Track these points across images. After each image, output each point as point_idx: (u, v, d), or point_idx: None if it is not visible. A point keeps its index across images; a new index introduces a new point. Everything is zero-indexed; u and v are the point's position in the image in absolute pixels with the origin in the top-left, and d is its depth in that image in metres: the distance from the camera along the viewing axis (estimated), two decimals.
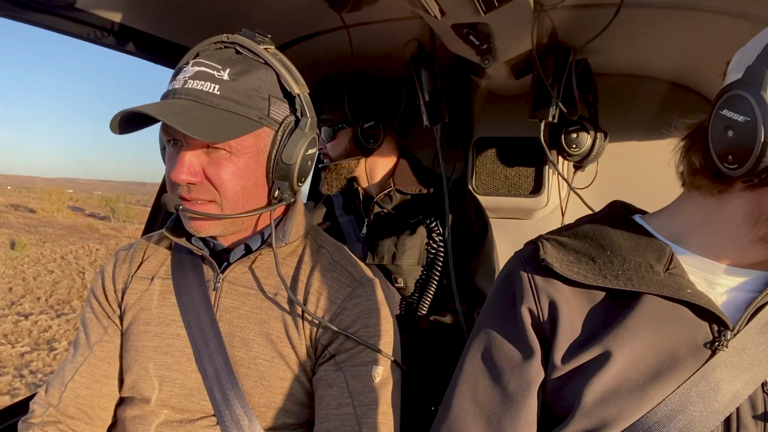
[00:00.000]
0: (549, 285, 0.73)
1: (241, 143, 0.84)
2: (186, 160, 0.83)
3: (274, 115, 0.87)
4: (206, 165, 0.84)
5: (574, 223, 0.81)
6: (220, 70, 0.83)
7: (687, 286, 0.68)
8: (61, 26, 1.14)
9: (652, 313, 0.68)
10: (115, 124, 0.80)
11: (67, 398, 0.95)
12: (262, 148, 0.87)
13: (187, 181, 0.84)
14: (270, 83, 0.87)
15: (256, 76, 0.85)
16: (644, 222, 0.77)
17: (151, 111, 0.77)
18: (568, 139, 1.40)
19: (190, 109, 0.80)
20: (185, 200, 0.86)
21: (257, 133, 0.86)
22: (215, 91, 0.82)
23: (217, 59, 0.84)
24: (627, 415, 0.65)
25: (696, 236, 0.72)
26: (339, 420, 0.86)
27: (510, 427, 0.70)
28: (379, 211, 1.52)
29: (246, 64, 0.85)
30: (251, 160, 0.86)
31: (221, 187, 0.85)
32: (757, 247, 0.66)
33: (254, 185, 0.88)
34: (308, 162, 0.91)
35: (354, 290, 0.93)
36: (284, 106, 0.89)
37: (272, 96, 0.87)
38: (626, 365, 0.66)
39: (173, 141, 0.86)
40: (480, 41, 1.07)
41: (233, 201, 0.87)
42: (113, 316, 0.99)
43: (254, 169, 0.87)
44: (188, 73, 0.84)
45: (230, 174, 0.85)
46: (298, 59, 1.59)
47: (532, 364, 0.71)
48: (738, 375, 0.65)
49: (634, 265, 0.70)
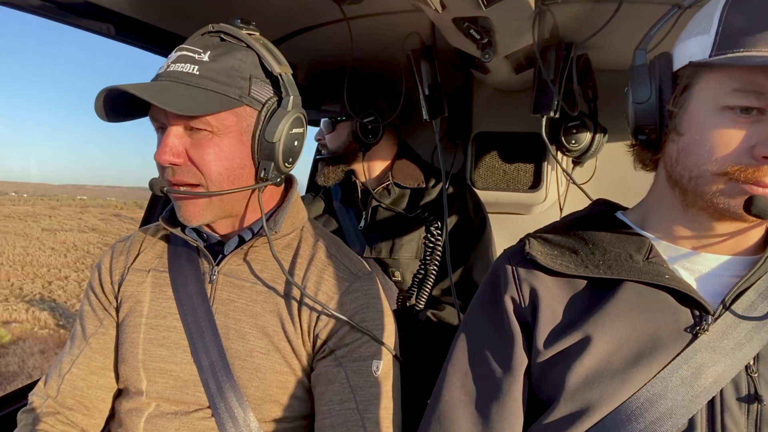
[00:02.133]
0: (531, 275, 0.77)
1: (222, 122, 0.84)
2: (169, 141, 0.84)
3: (255, 95, 0.87)
4: (189, 146, 0.85)
5: (559, 221, 0.86)
6: (200, 53, 0.84)
7: (666, 273, 0.71)
8: (61, 15, 1.13)
9: (633, 300, 0.70)
10: (100, 109, 0.81)
11: (64, 390, 0.96)
12: (245, 128, 0.87)
13: (170, 162, 0.84)
14: (251, 64, 0.87)
15: (237, 57, 0.86)
16: (624, 217, 0.81)
17: (127, 88, 0.78)
18: (568, 134, 1.40)
19: (168, 88, 0.81)
20: (173, 185, 0.86)
21: (238, 111, 0.86)
22: (194, 72, 0.83)
23: (200, 45, 0.86)
24: (610, 398, 0.67)
25: (652, 218, 0.77)
26: (342, 416, 0.86)
27: (497, 413, 0.73)
28: (378, 205, 1.51)
29: (227, 47, 0.86)
30: (234, 140, 0.86)
31: (204, 167, 0.85)
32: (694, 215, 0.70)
33: (239, 166, 0.88)
34: (294, 141, 0.91)
35: (351, 284, 0.93)
36: (267, 87, 0.88)
37: (253, 76, 0.87)
38: (608, 350, 0.69)
39: (160, 129, 0.87)
40: (480, 35, 1.07)
41: (218, 182, 0.86)
42: (109, 308, 0.99)
43: (238, 150, 0.87)
44: (171, 59, 0.85)
45: (213, 155, 0.85)
46: (298, 51, 1.58)
47: (516, 350, 0.75)
48: (720, 359, 0.66)
49: (614, 255, 0.74)
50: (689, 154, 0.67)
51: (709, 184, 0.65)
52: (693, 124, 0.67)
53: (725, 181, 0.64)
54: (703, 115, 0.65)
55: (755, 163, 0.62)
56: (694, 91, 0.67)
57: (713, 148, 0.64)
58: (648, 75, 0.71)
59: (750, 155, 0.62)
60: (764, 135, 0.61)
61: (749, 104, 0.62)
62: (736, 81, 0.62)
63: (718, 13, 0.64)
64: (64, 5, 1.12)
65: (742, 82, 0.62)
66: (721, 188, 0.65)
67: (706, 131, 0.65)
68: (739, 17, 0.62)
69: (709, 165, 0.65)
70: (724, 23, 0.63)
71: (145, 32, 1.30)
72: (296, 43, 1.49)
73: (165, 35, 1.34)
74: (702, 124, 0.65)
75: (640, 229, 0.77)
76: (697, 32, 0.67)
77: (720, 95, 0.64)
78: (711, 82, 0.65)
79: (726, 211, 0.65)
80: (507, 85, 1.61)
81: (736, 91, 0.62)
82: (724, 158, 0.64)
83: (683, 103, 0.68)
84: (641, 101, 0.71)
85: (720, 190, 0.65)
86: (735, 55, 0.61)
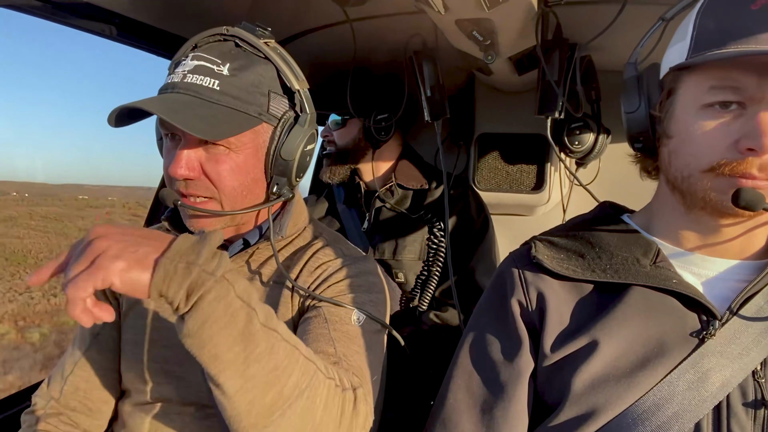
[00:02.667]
0: (538, 279, 0.77)
1: (240, 139, 0.84)
2: (184, 156, 0.83)
3: (273, 111, 0.86)
4: (204, 161, 0.84)
5: (565, 224, 0.86)
6: (219, 65, 0.82)
7: (673, 277, 0.71)
8: (61, 17, 1.13)
9: (640, 304, 0.70)
10: (112, 118, 0.80)
11: (67, 391, 0.96)
12: (261, 143, 0.87)
13: (185, 177, 0.83)
14: (270, 79, 0.86)
15: (257, 72, 0.85)
16: (631, 220, 0.81)
17: (151, 107, 0.77)
18: (571, 136, 1.40)
19: (189, 105, 0.80)
20: (183, 196, 0.86)
21: (256, 129, 0.85)
22: (215, 87, 0.81)
23: (216, 53, 0.84)
24: (616, 402, 0.67)
25: (658, 222, 0.77)
26: (315, 342, 0.80)
27: (502, 417, 0.73)
28: (381, 206, 1.51)
29: (246, 59, 0.85)
30: (250, 156, 0.86)
31: (219, 183, 0.84)
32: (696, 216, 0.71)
33: (252, 181, 0.88)
34: (307, 158, 0.91)
35: (346, 262, 0.93)
36: (283, 102, 0.88)
37: (272, 91, 0.86)
38: (614, 354, 0.68)
39: (171, 135, 0.86)
40: (483, 37, 1.07)
41: (231, 197, 0.86)
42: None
43: (253, 165, 0.87)
44: (187, 67, 0.83)
45: (228, 170, 0.84)
46: (301, 53, 1.58)
47: (522, 354, 0.74)
48: (727, 364, 0.66)
49: (621, 259, 0.74)
50: (679, 156, 0.69)
51: (700, 181, 0.67)
52: (679, 127, 0.69)
53: (714, 177, 0.65)
54: (686, 116, 0.68)
55: (740, 157, 0.63)
56: (677, 95, 0.70)
57: (699, 146, 0.66)
58: (636, 86, 0.74)
59: (735, 149, 0.64)
60: (746, 128, 0.63)
61: (726, 99, 0.64)
62: (711, 79, 0.65)
63: (693, 20, 0.68)
64: (64, 7, 1.12)
65: (717, 79, 0.64)
66: (711, 184, 0.66)
67: (690, 131, 0.67)
68: (710, 21, 0.66)
69: (697, 163, 0.67)
70: (698, 28, 0.67)
71: (146, 34, 1.30)
72: (299, 45, 1.50)
73: (167, 37, 1.34)
74: (686, 125, 0.68)
75: (647, 233, 0.77)
76: (676, 41, 0.71)
77: (699, 95, 0.66)
78: (690, 84, 0.68)
79: (719, 206, 0.66)
80: (510, 86, 1.61)
81: (712, 88, 0.65)
82: (710, 155, 0.65)
83: (669, 107, 0.71)
84: (631, 111, 0.74)
85: (710, 186, 0.66)
86: (707, 54, 0.64)
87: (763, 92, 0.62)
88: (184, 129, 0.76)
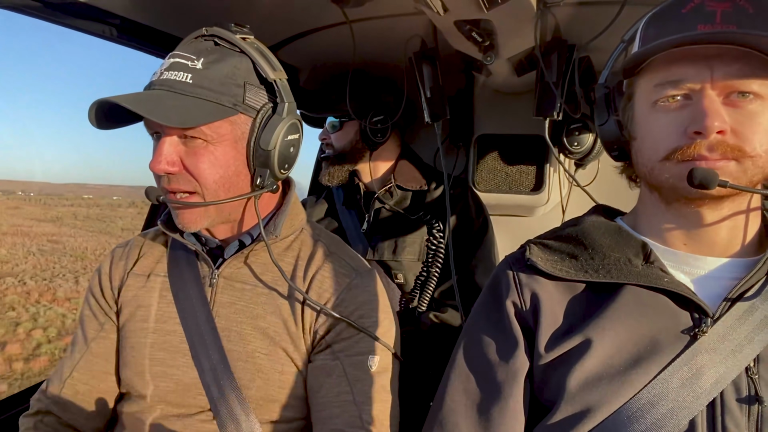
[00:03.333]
0: (532, 280, 0.79)
1: (217, 131, 0.84)
2: (164, 150, 0.83)
3: (250, 102, 0.86)
4: (184, 155, 0.85)
5: (559, 227, 0.88)
6: (194, 60, 0.83)
7: (665, 276, 0.72)
8: (59, 18, 1.13)
9: (632, 303, 0.72)
10: (92, 117, 0.81)
11: (66, 394, 0.96)
12: (240, 135, 0.87)
13: (165, 171, 0.84)
14: (245, 70, 0.86)
15: (231, 64, 0.85)
16: (623, 222, 0.83)
17: (120, 100, 0.78)
18: (570, 137, 1.40)
19: (160, 98, 0.81)
20: (169, 192, 0.86)
21: (233, 120, 0.86)
22: (187, 80, 0.82)
23: (192, 50, 0.85)
24: (610, 400, 0.68)
25: (644, 222, 0.80)
26: (339, 407, 0.86)
27: (498, 416, 0.74)
28: (380, 207, 1.51)
29: (220, 53, 0.86)
30: (229, 148, 0.86)
31: (200, 176, 0.85)
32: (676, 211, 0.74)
33: (234, 174, 0.88)
34: (290, 148, 0.91)
35: (352, 281, 0.93)
36: (261, 93, 0.88)
37: (248, 83, 0.86)
38: (608, 352, 0.70)
39: (155, 135, 0.87)
40: (482, 38, 1.07)
41: (213, 190, 0.86)
42: (110, 312, 0.99)
43: (233, 158, 0.87)
44: (165, 65, 0.85)
45: (208, 163, 0.85)
46: (301, 54, 1.58)
47: (517, 354, 0.76)
48: (720, 361, 0.67)
49: (613, 260, 0.76)
50: (641, 152, 0.75)
51: (660, 171, 0.71)
52: (639, 126, 0.75)
53: (671, 165, 0.70)
54: (642, 115, 0.74)
55: (690, 141, 0.68)
56: (634, 99, 0.76)
57: (655, 139, 0.72)
58: (605, 102, 0.82)
59: (684, 136, 0.68)
60: (692, 115, 0.67)
61: (669, 93, 0.69)
62: (655, 77, 0.71)
63: (639, 32, 0.76)
64: (62, 8, 1.12)
65: (660, 76, 0.70)
66: (669, 172, 0.70)
67: (647, 127, 0.73)
68: (651, 30, 0.74)
69: (655, 155, 0.71)
70: (642, 39, 0.75)
71: (144, 34, 1.30)
72: (298, 46, 1.49)
73: (165, 37, 1.34)
74: (643, 123, 0.74)
75: (637, 233, 0.79)
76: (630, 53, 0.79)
77: (648, 94, 0.72)
78: (641, 86, 0.74)
79: (681, 192, 0.69)
80: (509, 87, 1.61)
81: (657, 86, 0.71)
82: (665, 145, 0.70)
83: (629, 111, 0.77)
84: (602, 123, 0.82)
85: (670, 174, 0.70)
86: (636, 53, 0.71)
87: (702, 81, 0.67)
88: (151, 117, 0.78)
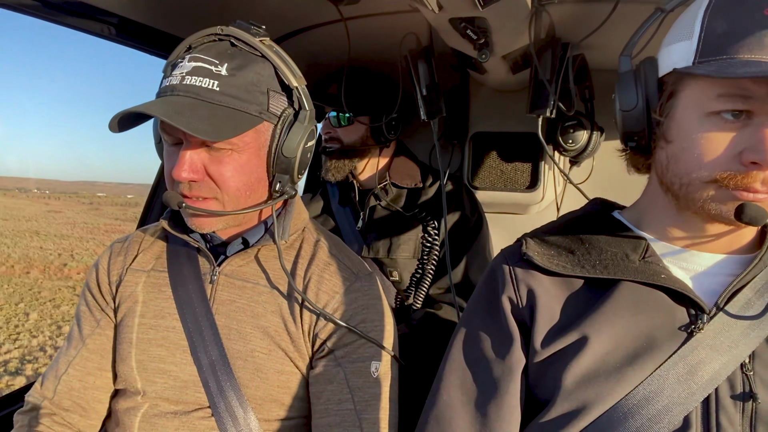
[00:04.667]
0: (528, 275, 0.77)
1: (243, 139, 0.84)
2: (187, 158, 0.83)
3: (273, 109, 0.87)
4: (208, 162, 0.84)
5: (556, 221, 0.86)
6: (217, 65, 0.82)
7: (662, 272, 0.71)
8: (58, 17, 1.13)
9: (629, 299, 0.71)
10: (114, 123, 0.80)
11: (61, 391, 0.96)
12: (263, 142, 0.87)
13: (189, 179, 0.83)
14: (268, 77, 0.86)
15: (255, 71, 0.85)
16: (621, 217, 0.81)
17: (154, 111, 0.77)
18: (565, 134, 1.40)
19: (191, 108, 0.80)
20: (186, 197, 0.86)
21: (258, 128, 0.86)
22: (215, 87, 0.81)
23: (213, 53, 0.83)
24: (606, 396, 0.68)
25: (647, 219, 0.77)
26: (339, 416, 0.87)
27: (495, 413, 0.73)
28: (375, 205, 1.52)
29: (243, 58, 0.85)
30: (252, 155, 0.86)
31: (223, 184, 0.85)
32: (688, 217, 0.71)
33: (256, 180, 0.88)
34: (308, 154, 0.92)
35: (352, 284, 0.93)
36: (282, 99, 0.88)
37: (271, 90, 0.86)
38: (604, 349, 0.69)
39: (176, 143, 0.86)
40: (477, 35, 1.07)
41: (235, 197, 0.87)
42: (107, 308, 0.99)
43: (256, 165, 0.87)
44: (185, 69, 0.83)
45: (232, 171, 0.85)
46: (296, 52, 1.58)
47: (513, 350, 0.75)
48: (716, 357, 0.67)
49: (610, 255, 0.74)
50: (678, 162, 0.67)
51: (700, 191, 0.65)
52: (680, 132, 0.67)
53: (715, 188, 0.64)
54: (689, 122, 0.65)
55: (744, 169, 0.62)
56: (679, 98, 0.67)
57: (701, 155, 0.64)
58: (634, 82, 0.70)
59: (738, 161, 0.62)
60: (751, 140, 0.61)
61: (734, 108, 0.61)
62: (720, 86, 0.62)
63: (700, 18, 0.64)
64: (62, 7, 1.12)
65: (727, 86, 0.61)
66: (711, 195, 0.65)
67: (693, 138, 0.65)
68: (720, 22, 0.62)
69: (698, 172, 0.65)
70: (706, 29, 0.63)
71: (142, 34, 1.30)
72: (293, 44, 1.49)
73: (162, 36, 1.34)
74: (689, 132, 0.65)
75: (637, 228, 0.78)
76: (680, 38, 0.66)
77: (705, 101, 0.63)
78: (696, 89, 0.65)
79: (718, 217, 0.65)
80: (504, 85, 1.61)
81: (720, 96, 0.62)
82: (713, 165, 0.63)
83: (669, 110, 0.68)
84: (628, 109, 0.71)
85: (711, 197, 0.65)
86: (718, 61, 0.61)
87: None
88: (189, 131, 0.76)
